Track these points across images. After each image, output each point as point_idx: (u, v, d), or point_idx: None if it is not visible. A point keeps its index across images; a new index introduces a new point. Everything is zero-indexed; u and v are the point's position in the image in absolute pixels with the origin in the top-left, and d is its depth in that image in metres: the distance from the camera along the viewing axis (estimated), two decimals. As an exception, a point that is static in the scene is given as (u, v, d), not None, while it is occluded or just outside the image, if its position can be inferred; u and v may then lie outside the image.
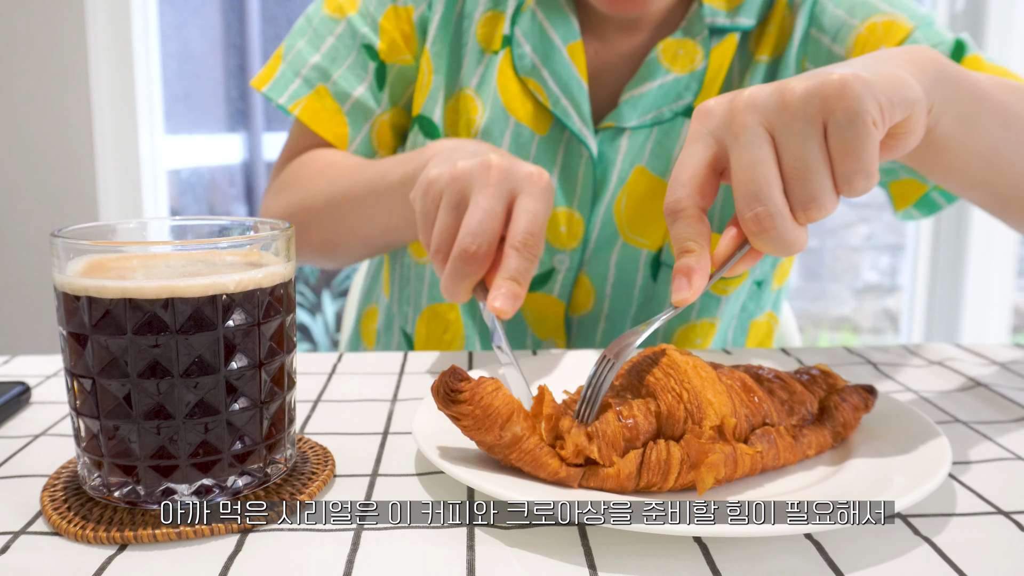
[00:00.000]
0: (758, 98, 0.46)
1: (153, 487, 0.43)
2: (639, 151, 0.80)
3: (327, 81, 0.83)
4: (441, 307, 0.87)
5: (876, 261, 2.95)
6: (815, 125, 0.44)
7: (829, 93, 0.44)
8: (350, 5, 0.84)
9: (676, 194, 0.48)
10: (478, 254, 0.57)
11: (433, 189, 0.60)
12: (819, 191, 0.45)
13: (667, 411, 0.45)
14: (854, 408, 0.51)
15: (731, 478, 0.45)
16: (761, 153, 0.45)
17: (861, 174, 0.45)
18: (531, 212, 0.58)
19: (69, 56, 1.85)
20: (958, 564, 0.39)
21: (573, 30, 0.80)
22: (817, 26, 0.80)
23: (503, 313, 0.55)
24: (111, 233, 0.47)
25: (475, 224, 0.57)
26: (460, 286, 0.58)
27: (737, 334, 0.90)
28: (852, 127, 0.44)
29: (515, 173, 0.59)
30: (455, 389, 0.44)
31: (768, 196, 0.45)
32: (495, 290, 0.56)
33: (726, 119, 0.47)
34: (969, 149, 0.58)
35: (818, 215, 0.45)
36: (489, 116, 0.81)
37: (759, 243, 0.46)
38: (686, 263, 0.47)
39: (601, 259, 0.82)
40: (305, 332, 2.83)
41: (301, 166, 0.85)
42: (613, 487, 0.44)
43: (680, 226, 0.47)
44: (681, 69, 0.79)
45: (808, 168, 0.44)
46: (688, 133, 0.49)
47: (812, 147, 0.44)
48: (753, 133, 0.45)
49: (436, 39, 0.83)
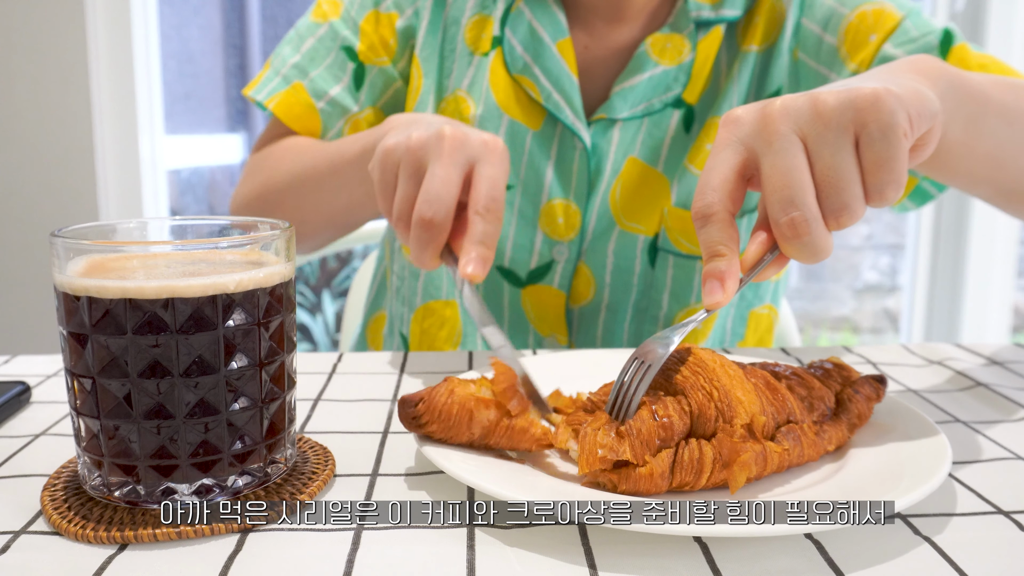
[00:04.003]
0: (791, 107, 0.47)
1: (153, 487, 0.43)
2: (631, 142, 0.83)
3: (304, 78, 0.86)
4: (437, 304, 0.88)
5: (876, 261, 2.95)
6: (848, 135, 0.45)
7: (863, 106, 0.45)
8: (333, 11, 0.87)
9: (707, 199, 0.48)
10: (435, 219, 0.58)
11: (391, 159, 0.61)
12: (851, 199, 0.46)
13: (698, 409, 0.46)
14: (867, 399, 0.51)
15: (760, 476, 0.45)
16: (796, 160, 0.46)
17: (893, 185, 0.46)
18: (490, 178, 0.59)
19: (69, 56, 1.85)
20: (958, 564, 0.39)
21: (561, 28, 0.82)
22: (808, 16, 0.82)
23: (475, 278, 0.57)
24: (111, 233, 0.47)
25: (432, 192, 0.58)
26: (425, 252, 0.59)
27: (736, 324, 0.91)
28: (885, 139, 0.45)
29: (469, 142, 0.60)
30: (414, 416, 0.46)
31: (803, 202, 0.46)
32: (464, 256, 0.57)
33: (757, 126, 0.48)
34: (975, 151, 0.60)
35: (849, 222, 0.46)
36: (482, 114, 0.83)
37: (791, 248, 0.47)
38: (717, 267, 0.47)
39: (599, 248, 0.84)
40: (305, 332, 2.83)
41: (267, 153, 0.87)
42: (647, 488, 0.44)
43: (711, 230, 0.48)
44: (669, 62, 0.81)
45: (841, 177, 0.45)
46: (716, 140, 0.50)
47: (846, 156, 0.45)
48: (788, 140, 0.46)
49: (424, 45, 0.86)
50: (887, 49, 0.78)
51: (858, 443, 0.50)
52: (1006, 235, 2.06)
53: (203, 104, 2.69)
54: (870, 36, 0.79)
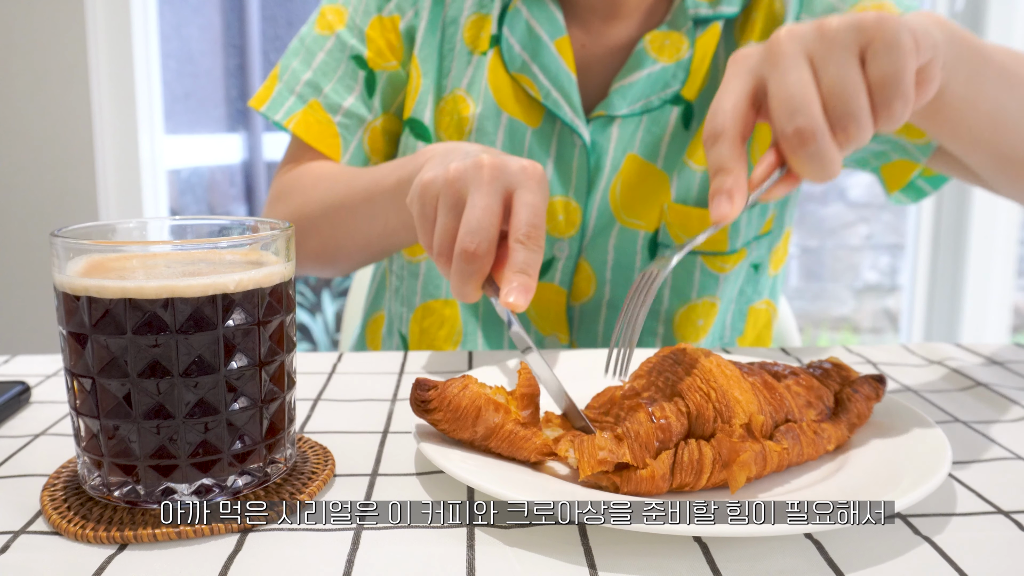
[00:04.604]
0: (797, 32, 0.49)
1: (153, 487, 0.43)
2: (630, 139, 0.83)
3: (319, 95, 0.86)
4: (436, 303, 0.88)
5: (876, 261, 2.95)
6: (853, 51, 0.47)
7: (868, 25, 0.47)
8: (338, 21, 0.88)
9: (717, 119, 0.49)
10: (479, 251, 0.57)
11: (429, 192, 0.61)
12: (857, 109, 0.47)
13: (696, 411, 0.46)
14: (866, 399, 0.51)
15: (760, 476, 0.45)
16: (802, 74, 0.47)
17: (900, 98, 0.47)
18: (530, 205, 0.59)
19: (69, 56, 1.85)
20: (958, 564, 0.39)
21: (559, 26, 0.83)
22: (808, 13, 0.83)
23: (517, 307, 0.56)
24: (111, 233, 0.47)
25: (474, 223, 0.57)
26: (468, 285, 0.59)
27: (736, 319, 0.92)
28: (889, 54, 0.46)
29: (508, 169, 0.59)
30: (424, 400, 0.47)
31: (809, 111, 0.46)
32: (506, 285, 0.56)
33: (764, 54, 0.49)
34: (976, 108, 0.60)
35: (856, 134, 0.47)
36: (482, 113, 0.84)
37: (797, 160, 0.47)
38: (724, 182, 0.48)
39: (600, 245, 0.85)
40: (305, 332, 2.83)
41: (298, 177, 0.88)
42: (648, 490, 0.44)
43: (720, 148, 0.49)
44: (668, 59, 0.82)
45: (846, 86, 0.47)
46: (725, 76, 0.51)
47: (851, 69, 0.47)
48: (794, 59, 0.48)
49: (423, 45, 0.86)
50: None
51: (858, 443, 0.50)
52: (1006, 235, 2.06)
53: (203, 104, 2.69)
54: None
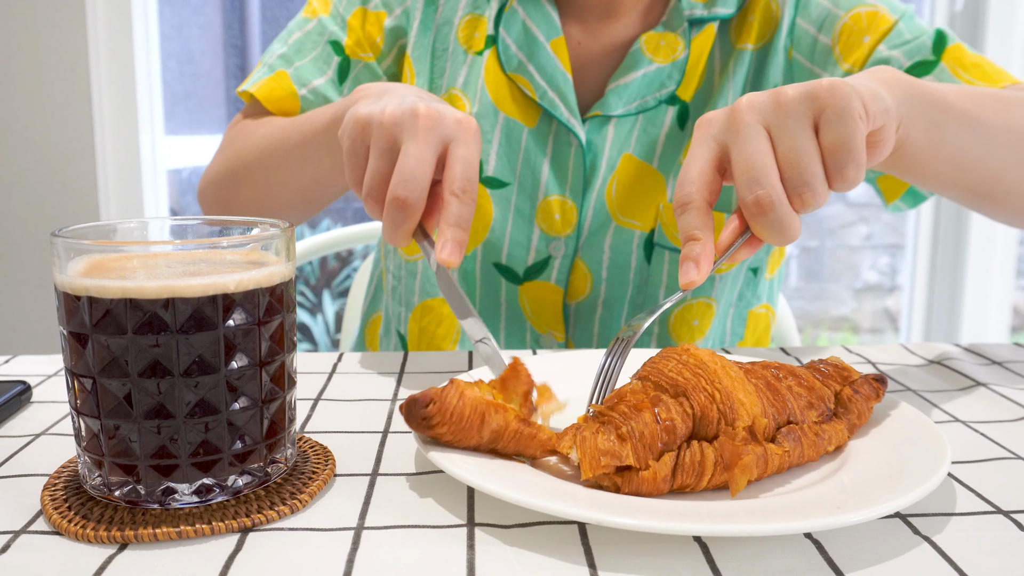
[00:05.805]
0: (755, 101, 0.52)
1: (154, 487, 0.43)
2: (626, 138, 0.84)
3: (289, 67, 0.86)
4: (434, 302, 0.88)
5: (876, 261, 2.95)
6: (807, 120, 0.50)
7: (820, 93, 0.50)
8: (323, 8, 0.89)
9: (685, 188, 0.52)
10: (411, 200, 0.57)
11: (362, 130, 0.61)
12: (812, 177, 0.50)
13: (701, 412, 0.46)
14: (867, 399, 0.51)
15: (760, 478, 0.45)
16: (760, 145, 0.51)
17: (852, 164, 0.50)
18: (465, 159, 0.59)
19: (69, 56, 1.85)
20: (958, 564, 0.39)
21: (555, 26, 0.84)
22: (803, 15, 0.83)
23: (451, 264, 0.57)
24: (111, 233, 0.48)
25: (407, 172, 0.57)
26: (399, 232, 0.59)
27: (736, 324, 0.92)
28: (841, 120, 0.50)
29: (444, 120, 0.59)
30: (425, 416, 0.45)
31: (767, 181, 0.50)
32: (441, 239, 0.57)
33: (727, 122, 0.53)
34: (939, 155, 0.63)
35: (812, 201, 0.50)
36: (478, 112, 0.84)
37: (759, 226, 0.51)
38: (693, 250, 0.51)
39: (595, 244, 0.85)
40: (305, 332, 2.84)
41: (243, 127, 0.87)
42: (649, 491, 0.44)
43: (689, 217, 0.52)
44: (664, 59, 0.83)
45: (801, 156, 0.50)
46: (692, 140, 0.55)
47: (804, 139, 0.50)
48: (752, 128, 0.51)
49: (416, 44, 0.87)
50: (881, 51, 0.79)
51: (858, 443, 0.50)
52: (1006, 235, 2.06)
53: (203, 104, 2.69)
54: (864, 37, 0.80)
